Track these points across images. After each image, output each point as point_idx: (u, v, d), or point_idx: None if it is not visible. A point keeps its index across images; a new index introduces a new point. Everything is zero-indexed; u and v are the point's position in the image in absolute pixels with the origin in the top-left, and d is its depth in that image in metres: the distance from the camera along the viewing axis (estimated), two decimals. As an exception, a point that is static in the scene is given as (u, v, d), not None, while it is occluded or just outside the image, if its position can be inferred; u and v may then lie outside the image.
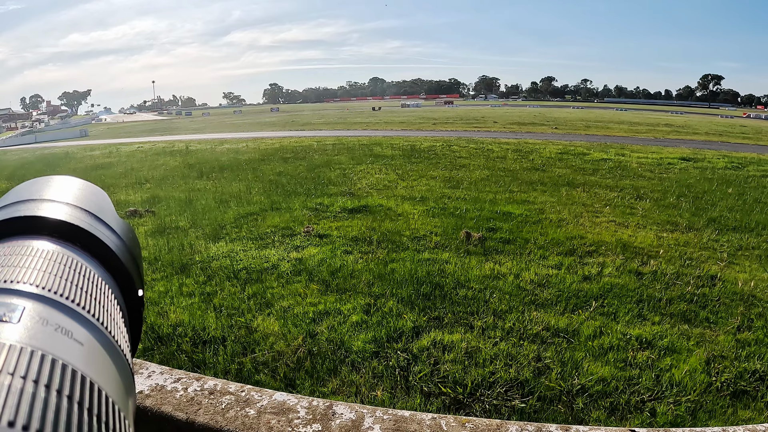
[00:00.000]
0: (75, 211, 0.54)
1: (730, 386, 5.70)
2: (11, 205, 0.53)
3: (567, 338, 6.44)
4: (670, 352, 6.34)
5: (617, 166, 22.09)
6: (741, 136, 53.81)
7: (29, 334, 0.35)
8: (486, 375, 5.60)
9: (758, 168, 24.48)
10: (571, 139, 36.43)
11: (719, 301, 7.96)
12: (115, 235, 0.56)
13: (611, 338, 6.49)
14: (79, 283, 0.45)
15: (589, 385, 5.48)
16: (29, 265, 0.44)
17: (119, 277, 0.54)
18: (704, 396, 5.51)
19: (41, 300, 0.40)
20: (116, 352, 0.43)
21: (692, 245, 10.82)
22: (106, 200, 0.62)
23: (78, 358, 0.36)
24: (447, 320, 6.84)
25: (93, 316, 0.42)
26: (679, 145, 37.12)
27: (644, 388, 5.53)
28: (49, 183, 0.60)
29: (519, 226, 11.34)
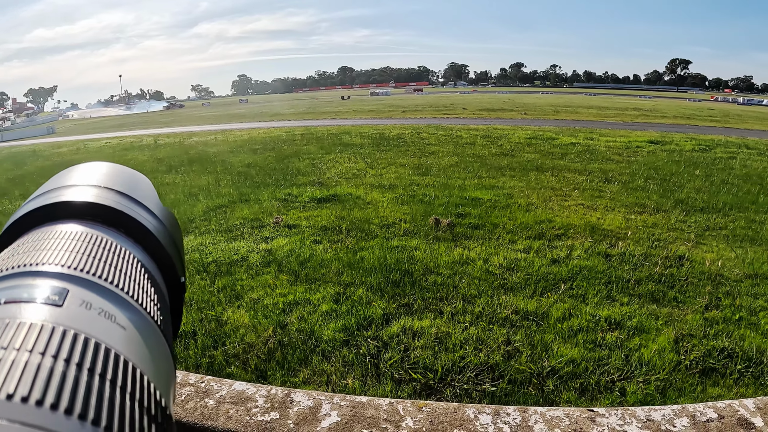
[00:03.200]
0: (118, 197, 0.54)
1: (699, 364, 5.76)
2: (54, 191, 0.54)
3: (536, 321, 6.47)
4: (639, 332, 6.40)
5: (586, 150, 22.27)
6: (709, 119, 54.36)
7: (73, 318, 0.35)
8: (456, 360, 5.60)
9: (725, 150, 24.79)
10: (540, 125, 36.59)
11: (687, 280, 8.04)
12: (158, 220, 0.57)
13: (580, 320, 6.53)
14: (122, 267, 0.45)
15: (559, 366, 5.51)
16: (74, 249, 0.44)
17: (161, 263, 0.55)
18: (673, 374, 5.56)
19: (85, 284, 0.40)
20: (158, 337, 0.43)
21: (660, 226, 10.93)
22: (149, 186, 0.64)
23: (120, 342, 0.36)
24: (417, 307, 6.84)
25: (136, 301, 0.43)
26: (647, 128, 37.41)
27: (614, 368, 5.57)
28: (90, 169, 0.61)
29: (488, 212, 11.37)
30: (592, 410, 2.15)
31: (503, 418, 2.00)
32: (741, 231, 11.02)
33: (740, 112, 78.78)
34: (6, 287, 0.38)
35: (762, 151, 25.27)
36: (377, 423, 1.90)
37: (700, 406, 2.36)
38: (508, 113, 51.63)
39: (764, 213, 12.74)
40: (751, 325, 6.79)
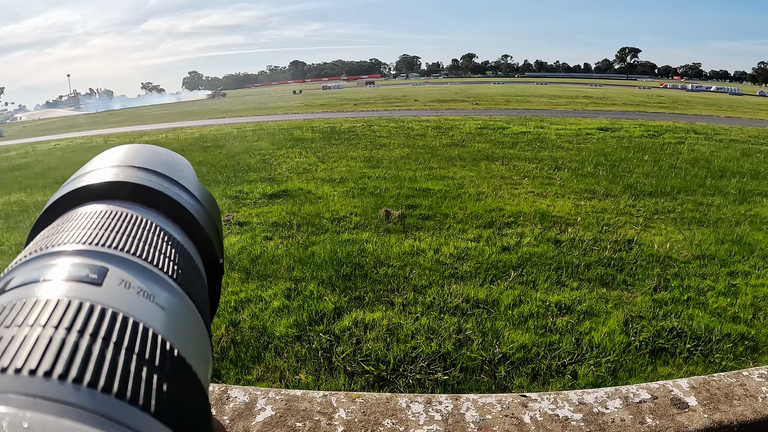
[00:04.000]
0: (157, 178, 0.54)
1: (649, 345, 5.87)
2: (94, 172, 0.54)
3: (487, 309, 6.51)
4: (589, 315, 6.49)
5: (536, 139, 22.43)
6: (658, 106, 55.33)
7: (112, 297, 0.35)
8: (408, 350, 5.62)
9: (674, 135, 25.24)
10: (491, 114, 36.85)
11: (636, 263, 8.18)
12: (197, 201, 0.57)
13: (531, 306, 6.59)
14: (161, 247, 0.46)
15: (510, 353, 5.55)
16: (113, 228, 0.44)
17: (200, 243, 0.55)
18: (624, 356, 5.66)
19: (124, 263, 0.40)
20: (196, 317, 0.43)
21: (609, 211, 11.08)
22: (188, 168, 0.64)
23: (159, 322, 0.36)
24: (368, 299, 6.84)
25: (174, 281, 0.43)
26: (597, 116, 37.91)
27: (565, 352, 5.64)
28: (130, 150, 0.61)
29: (438, 202, 11.40)
30: (525, 396, 2.16)
31: (435, 406, 2.01)
32: (689, 214, 11.23)
33: (689, 99, 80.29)
34: (46, 265, 0.38)
35: (709, 136, 25.80)
36: (311, 415, 1.90)
37: (634, 388, 2.40)
38: (460, 104, 51.87)
39: (711, 195, 13.00)
40: (699, 304, 6.94)
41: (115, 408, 0.27)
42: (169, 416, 0.30)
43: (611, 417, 2.16)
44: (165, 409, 0.30)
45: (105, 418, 0.26)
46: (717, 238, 9.61)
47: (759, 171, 16.68)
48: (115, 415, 0.27)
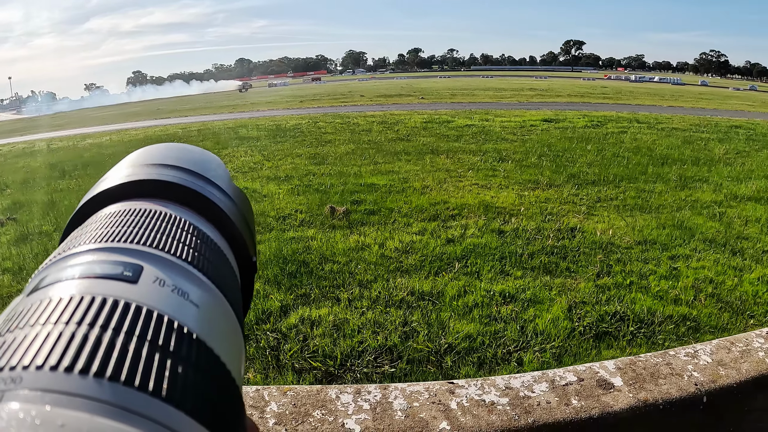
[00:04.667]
0: (190, 176, 0.54)
1: (593, 329, 6.01)
2: (126, 170, 0.54)
3: (432, 301, 6.56)
4: (533, 303, 6.59)
5: (481, 131, 22.58)
6: (602, 97, 56.17)
7: (147, 294, 0.35)
8: (355, 345, 5.64)
9: (617, 125, 25.71)
10: (436, 108, 36.92)
11: (579, 251, 8.33)
12: (230, 199, 0.56)
13: (475, 296, 6.66)
14: (195, 245, 0.45)
15: (456, 343, 5.61)
16: (147, 226, 0.44)
17: (233, 241, 0.54)
18: (568, 341, 5.77)
19: (159, 261, 0.40)
20: (230, 315, 0.43)
21: (553, 201, 11.25)
22: (221, 166, 0.63)
23: (193, 320, 0.36)
24: (314, 296, 6.84)
25: (208, 279, 0.43)
26: (542, 107, 38.30)
27: (510, 340, 5.72)
28: (162, 149, 0.60)
29: (383, 197, 11.44)
30: (452, 382, 2.20)
31: (364, 396, 2.03)
32: (631, 201, 11.49)
33: (632, 89, 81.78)
34: (81, 263, 0.38)
35: (652, 125, 26.33)
36: (242, 411, 1.91)
37: (561, 371, 2.45)
38: (406, 98, 51.91)
39: (653, 182, 13.29)
40: (641, 288, 7.11)
41: (151, 406, 0.28)
42: (204, 414, 0.31)
43: (537, 400, 2.21)
44: (200, 407, 0.31)
45: (140, 416, 0.27)
46: (659, 223, 9.84)
47: (699, 158, 17.08)
48: (151, 412, 0.28)
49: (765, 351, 2.99)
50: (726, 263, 8.13)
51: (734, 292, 7.14)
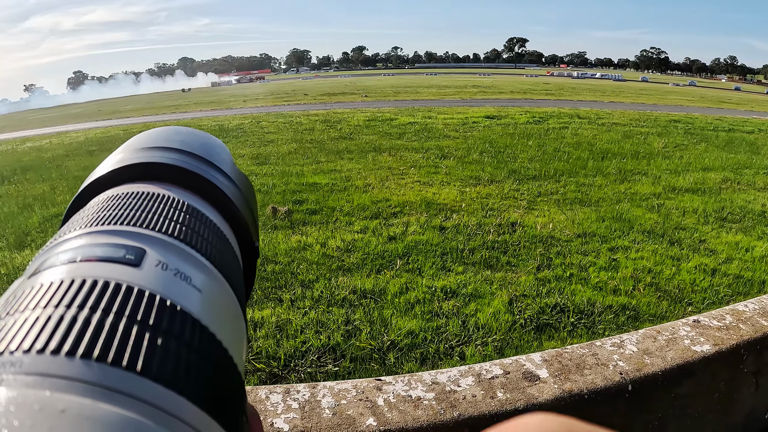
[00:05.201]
0: (193, 160, 0.53)
1: (534, 321, 6.11)
2: (129, 153, 0.53)
3: (374, 298, 6.58)
4: (474, 297, 6.66)
5: (423, 129, 22.65)
6: (544, 93, 56.86)
7: (150, 278, 0.35)
8: (298, 345, 5.63)
9: (558, 120, 26.06)
10: (380, 106, 36.90)
11: (520, 245, 8.44)
12: (233, 183, 0.55)
13: (417, 292, 6.69)
14: (197, 229, 0.45)
15: (398, 339, 5.63)
16: (150, 209, 0.44)
17: (235, 226, 0.53)
18: (510, 334, 5.85)
19: (162, 244, 0.40)
20: (232, 300, 0.43)
21: (494, 197, 11.36)
22: (224, 150, 0.62)
23: (196, 304, 0.36)
24: (256, 297, 6.79)
25: (211, 263, 0.42)
26: (485, 104, 38.62)
27: (452, 334, 5.78)
28: (165, 132, 0.59)
29: (325, 196, 11.41)
30: (380, 379, 2.23)
31: (293, 395, 2.06)
32: (571, 194, 11.69)
33: (574, 85, 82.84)
34: (83, 245, 0.38)
35: (592, 120, 26.75)
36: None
37: (487, 365, 2.50)
38: (349, 96, 51.84)
39: (593, 176, 13.52)
40: (581, 280, 7.25)
41: (153, 391, 0.28)
42: (207, 401, 0.31)
43: (463, 394, 2.25)
44: (202, 393, 0.31)
45: (142, 401, 0.27)
46: (598, 216, 10.05)
47: (639, 152, 17.44)
48: (153, 398, 0.28)
49: (691, 339, 3.08)
50: (664, 253, 8.34)
51: (672, 281, 7.33)
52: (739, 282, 7.45)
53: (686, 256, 8.28)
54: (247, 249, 0.55)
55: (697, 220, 10.16)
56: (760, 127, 28.86)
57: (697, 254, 8.39)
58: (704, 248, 8.69)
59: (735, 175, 14.84)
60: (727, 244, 8.86)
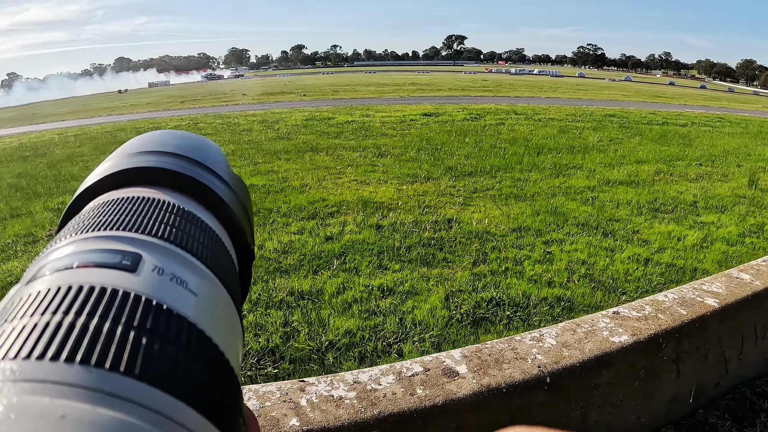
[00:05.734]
0: (188, 163, 0.54)
1: (470, 316, 6.19)
2: (124, 158, 0.53)
3: (312, 299, 6.59)
4: (411, 295, 6.72)
5: (361, 127, 22.66)
6: (482, 90, 57.35)
7: (145, 283, 0.36)
8: (236, 348, 5.66)
9: (495, 117, 26.38)
10: (318, 105, 36.79)
11: (456, 241, 8.54)
12: (228, 187, 0.56)
13: (354, 292, 6.73)
14: (193, 233, 0.45)
15: (337, 339, 5.66)
16: (146, 214, 0.44)
17: (231, 229, 0.54)
18: (446, 329, 5.92)
19: (158, 249, 0.40)
20: (228, 304, 0.43)
21: (430, 194, 11.46)
22: (219, 153, 0.62)
23: (192, 309, 0.36)
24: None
25: (207, 267, 0.42)
26: (422, 102, 38.77)
27: (390, 332, 5.83)
28: (160, 136, 0.59)
29: (262, 198, 11.34)
30: (303, 381, 2.30)
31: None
32: (507, 190, 11.88)
33: (512, 82, 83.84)
34: (79, 251, 0.38)
35: (529, 116, 27.16)
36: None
37: (408, 363, 2.59)
38: (288, 96, 51.53)
39: (529, 171, 13.75)
40: (516, 273, 7.38)
41: (151, 396, 0.29)
42: (203, 404, 0.31)
43: (383, 392, 2.33)
44: (200, 396, 0.31)
45: (140, 405, 0.28)
46: (533, 210, 10.24)
47: (574, 146, 17.78)
48: (150, 402, 0.28)
49: (610, 330, 3.20)
50: (598, 245, 8.54)
51: (606, 272, 7.52)
52: (672, 270, 7.67)
53: (620, 247, 8.50)
54: (243, 252, 0.56)
55: (630, 211, 10.43)
56: (693, 120, 29.72)
57: (631, 245, 8.61)
58: (637, 239, 8.92)
59: (668, 167, 15.25)
60: (660, 234, 9.12)
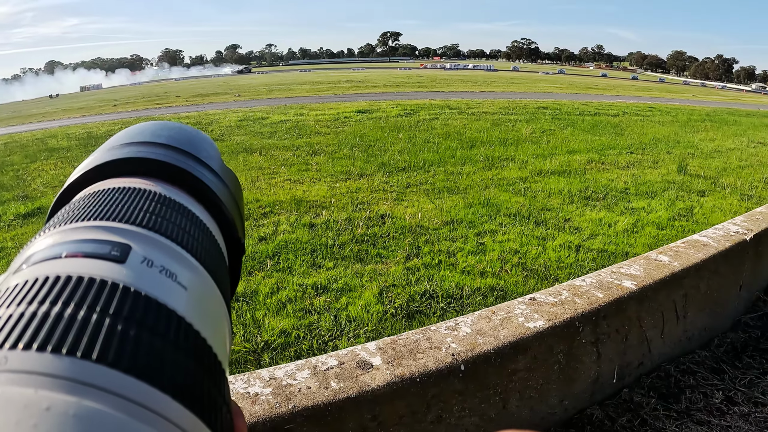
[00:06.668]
0: (180, 156, 0.53)
1: (404, 310, 6.27)
2: (116, 148, 0.53)
3: (246, 301, 6.59)
4: (345, 291, 6.78)
5: (295, 126, 22.60)
6: (417, 86, 57.61)
7: (134, 274, 0.36)
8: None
9: (429, 112, 26.58)
10: (252, 105, 36.51)
11: (389, 236, 8.63)
12: (220, 180, 0.56)
13: (288, 291, 6.75)
14: (183, 225, 0.45)
15: (272, 339, 5.66)
16: (135, 205, 0.44)
17: (222, 222, 0.54)
18: (381, 324, 5.99)
19: (147, 241, 0.40)
20: (217, 297, 0.43)
21: (364, 190, 11.54)
22: (212, 146, 0.62)
23: (181, 302, 0.36)
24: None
25: (197, 260, 0.42)
26: (357, 99, 38.74)
27: (325, 330, 5.87)
28: (153, 127, 0.58)
29: (193, 203, 11.13)
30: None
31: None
32: (440, 183, 12.03)
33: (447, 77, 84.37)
34: (67, 241, 0.38)
35: (463, 110, 27.42)
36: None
37: (324, 357, 2.66)
38: (222, 97, 50.99)
39: (461, 165, 13.91)
40: (449, 266, 7.49)
41: (137, 389, 0.28)
42: (190, 398, 0.31)
43: (298, 387, 2.39)
44: (187, 391, 0.31)
45: (125, 399, 0.28)
46: (466, 203, 10.40)
47: (507, 138, 18.05)
48: (136, 396, 0.28)
49: (525, 316, 3.30)
50: (530, 234, 8.73)
51: (538, 260, 7.70)
52: (603, 255, 7.88)
53: (552, 235, 8.70)
54: (233, 246, 0.56)
55: (562, 200, 10.67)
56: (624, 110, 30.41)
57: (563, 233, 8.83)
58: (569, 226, 9.14)
59: (599, 156, 15.61)
60: (591, 221, 9.36)
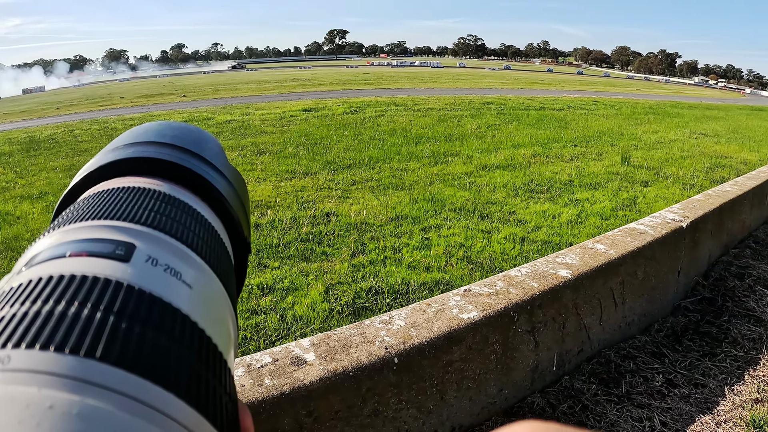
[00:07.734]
0: (185, 155, 0.54)
1: (350, 306, 6.37)
2: (121, 148, 0.53)
3: (190, 304, 6.62)
4: (291, 290, 6.83)
5: (240, 126, 22.52)
6: (363, 83, 57.63)
7: (139, 273, 0.36)
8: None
9: (375, 109, 26.64)
10: (198, 106, 36.20)
11: (334, 234, 8.71)
12: (225, 179, 0.56)
13: (234, 294, 6.78)
14: (188, 224, 0.45)
15: (219, 343, 5.73)
16: (140, 204, 0.44)
17: (227, 221, 0.54)
18: (328, 321, 6.06)
19: (152, 239, 0.40)
20: (223, 297, 0.43)
21: (309, 189, 11.60)
22: (217, 145, 0.62)
23: (186, 301, 0.36)
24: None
25: (202, 259, 0.42)
26: (303, 97, 38.72)
27: (271, 329, 5.93)
28: (158, 127, 0.59)
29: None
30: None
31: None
32: (386, 180, 12.12)
33: (393, 74, 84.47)
34: (71, 240, 0.38)
35: (409, 107, 27.55)
36: None
37: (258, 355, 2.72)
38: (168, 97, 50.44)
39: (407, 161, 14.03)
40: (395, 261, 7.59)
41: (141, 388, 0.28)
42: (195, 397, 0.31)
43: (231, 385, 2.46)
44: (192, 390, 0.31)
45: (130, 398, 0.28)
46: (411, 198, 10.53)
47: (452, 134, 18.21)
48: (141, 395, 0.28)
49: (459, 308, 3.39)
50: (475, 228, 8.86)
51: (483, 253, 7.83)
52: (548, 247, 8.06)
53: (497, 228, 8.84)
54: (239, 245, 0.56)
55: (507, 194, 10.84)
56: (569, 104, 30.87)
57: (507, 225, 8.98)
58: (514, 219, 9.31)
59: (544, 149, 15.88)
60: (536, 214, 9.56)
